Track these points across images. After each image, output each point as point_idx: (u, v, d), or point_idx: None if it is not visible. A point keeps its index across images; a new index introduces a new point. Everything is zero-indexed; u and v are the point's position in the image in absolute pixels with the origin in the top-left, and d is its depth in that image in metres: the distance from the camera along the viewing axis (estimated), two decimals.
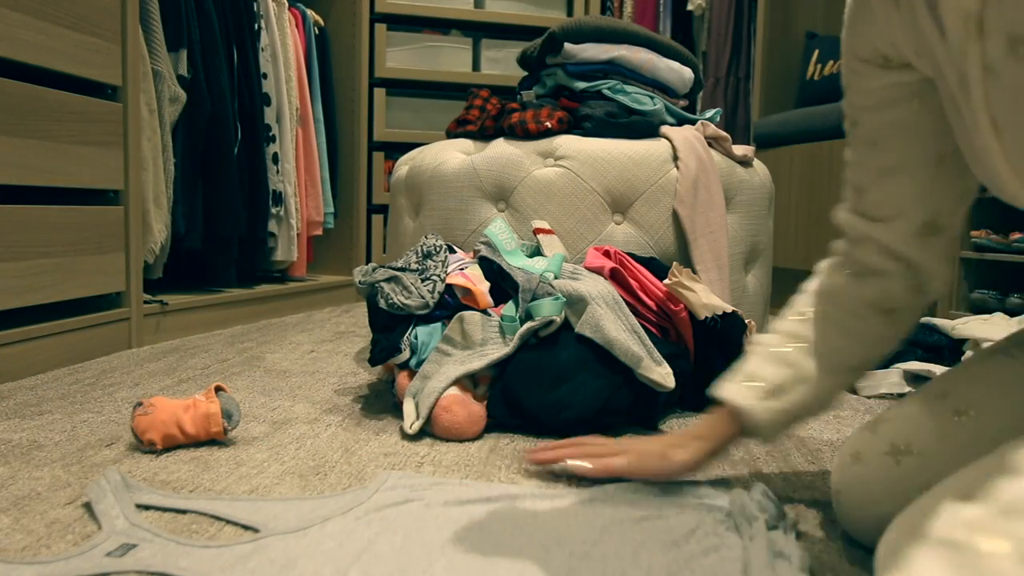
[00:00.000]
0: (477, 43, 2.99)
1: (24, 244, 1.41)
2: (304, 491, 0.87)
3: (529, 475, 0.93)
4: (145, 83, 1.84)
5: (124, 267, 1.70)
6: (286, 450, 1.02)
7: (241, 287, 2.26)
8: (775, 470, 0.98)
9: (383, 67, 2.88)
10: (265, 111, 2.30)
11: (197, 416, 1.00)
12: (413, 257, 1.32)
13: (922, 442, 0.71)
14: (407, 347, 1.20)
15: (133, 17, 1.70)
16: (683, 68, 1.68)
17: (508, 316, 1.21)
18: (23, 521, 0.77)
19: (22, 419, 1.14)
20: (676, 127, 1.60)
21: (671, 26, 3.29)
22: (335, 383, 1.43)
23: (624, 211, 1.51)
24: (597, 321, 1.15)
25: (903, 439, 0.72)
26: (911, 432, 0.72)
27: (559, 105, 1.64)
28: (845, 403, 1.37)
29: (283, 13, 2.44)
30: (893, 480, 0.71)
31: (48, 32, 1.44)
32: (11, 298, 1.38)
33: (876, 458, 0.73)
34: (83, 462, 0.95)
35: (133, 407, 1.02)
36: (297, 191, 2.48)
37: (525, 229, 1.49)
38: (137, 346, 1.75)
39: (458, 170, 1.58)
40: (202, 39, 2.05)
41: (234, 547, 0.70)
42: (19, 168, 1.38)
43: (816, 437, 1.14)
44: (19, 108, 1.38)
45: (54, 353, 1.49)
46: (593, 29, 1.63)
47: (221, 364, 1.58)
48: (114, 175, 1.66)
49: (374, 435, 1.10)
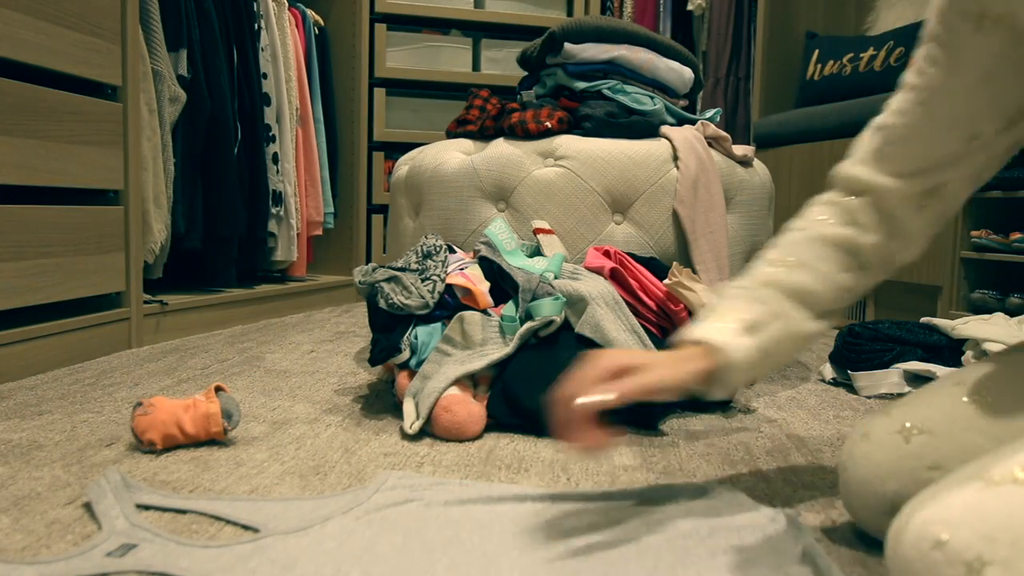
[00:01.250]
0: (477, 43, 2.99)
1: (24, 244, 1.41)
2: (304, 491, 0.87)
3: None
4: (145, 83, 1.84)
5: (124, 267, 1.70)
6: (286, 450, 1.02)
7: (241, 287, 2.26)
8: (775, 470, 0.98)
9: (383, 67, 2.88)
10: (265, 111, 2.30)
11: (197, 416, 1.00)
12: (413, 257, 1.32)
13: (934, 422, 0.71)
14: (407, 347, 1.20)
15: (133, 17, 1.70)
16: (683, 68, 1.68)
17: (508, 316, 1.21)
18: (23, 521, 0.77)
19: (22, 419, 1.14)
20: (676, 127, 1.60)
21: (671, 26, 3.29)
22: (335, 383, 1.43)
23: (624, 211, 1.51)
24: (597, 321, 1.15)
25: (916, 419, 0.72)
26: (924, 413, 0.72)
27: (559, 105, 1.64)
28: (845, 403, 1.37)
29: (283, 13, 2.44)
30: (900, 458, 0.71)
31: (48, 32, 1.44)
32: (11, 298, 1.38)
33: (886, 436, 0.73)
34: (83, 462, 0.95)
35: (133, 407, 1.02)
36: (297, 191, 2.48)
37: (525, 229, 1.49)
38: (137, 346, 1.75)
39: (458, 170, 1.58)
40: (202, 39, 2.05)
41: (234, 547, 0.70)
42: (19, 168, 1.38)
43: (816, 437, 1.14)
44: (19, 108, 1.38)
45: (54, 353, 1.49)
46: (593, 29, 1.63)
47: (221, 364, 1.58)
48: (114, 175, 1.66)
49: (374, 435, 1.10)
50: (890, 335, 1.48)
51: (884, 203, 0.77)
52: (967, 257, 2.04)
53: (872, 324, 1.51)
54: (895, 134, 0.76)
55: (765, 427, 1.19)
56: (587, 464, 0.98)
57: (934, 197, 0.76)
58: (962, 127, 0.72)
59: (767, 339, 0.75)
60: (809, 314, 0.77)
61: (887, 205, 0.76)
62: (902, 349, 1.45)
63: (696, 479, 0.93)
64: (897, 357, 1.44)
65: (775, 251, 0.81)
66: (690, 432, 1.15)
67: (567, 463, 0.98)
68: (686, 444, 1.09)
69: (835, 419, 1.25)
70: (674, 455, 1.03)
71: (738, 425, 1.20)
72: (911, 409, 0.74)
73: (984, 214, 2.06)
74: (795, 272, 0.78)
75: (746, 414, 1.27)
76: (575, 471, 0.95)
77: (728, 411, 1.28)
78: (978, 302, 2.00)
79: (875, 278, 0.80)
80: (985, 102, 0.71)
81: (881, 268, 0.79)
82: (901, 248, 0.78)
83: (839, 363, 1.52)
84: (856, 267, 0.78)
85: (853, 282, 0.79)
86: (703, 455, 1.04)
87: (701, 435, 1.14)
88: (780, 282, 0.78)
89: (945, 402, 0.72)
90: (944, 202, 0.76)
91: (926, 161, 0.74)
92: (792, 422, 1.22)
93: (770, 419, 1.24)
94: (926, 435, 0.70)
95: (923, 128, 0.74)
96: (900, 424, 0.73)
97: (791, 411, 1.30)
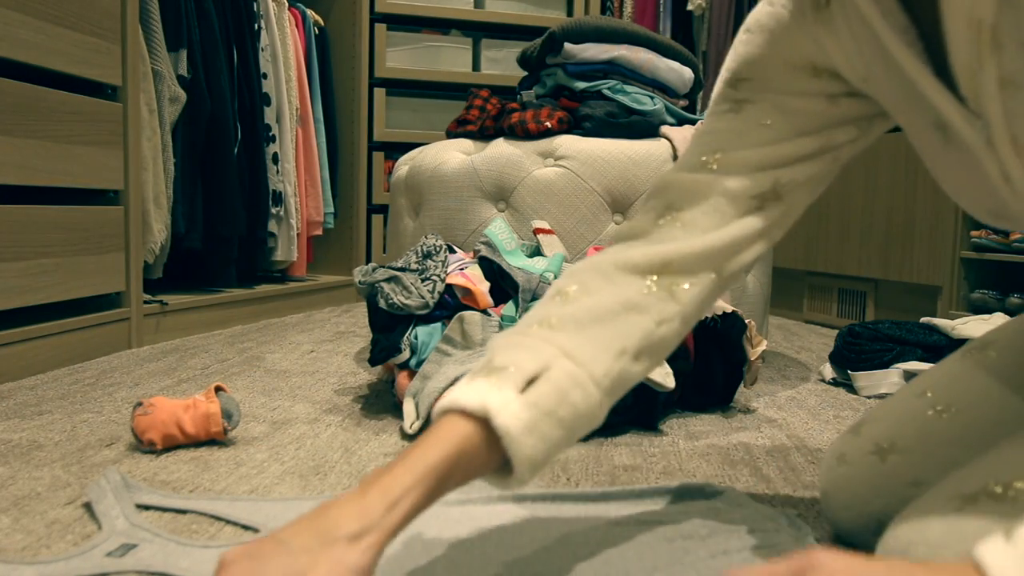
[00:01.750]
0: (477, 43, 2.99)
1: (25, 244, 1.41)
2: (304, 491, 0.87)
3: None
4: (145, 83, 1.84)
5: (124, 267, 1.70)
6: (286, 450, 1.02)
7: (241, 287, 2.26)
8: (775, 470, 0.98)
9: (383, 67, 2.88)
10: (265, 111, 2.30)
11: (197, 416, 1.00)
12: (413, 257, 1.32)
13: (905, 440, 0.71)
14: (407, 347, 1.20)
15: (133, 17, 1.70)
16: (683, 68, 1.68)
17: (508, 316, 1.21)
18: (23, 521, 0.77)
19: (22, 419, 1.14)
20: (676, 127, 1.60)
21: (671, 26, 3.29)
22: (335, 383, 1.43)
23: (624, 211, 1.51)
24: None
25: (886, 438, 0.72)
26: (894, 431, 0.72)
27: (559, 105, 1.64)
28: (845, 403, 1.37)
29: (283, 13, 2.44)
30: (879, 478, 0.71)
31: (48, 32, 1.44)
32: (11, 298, 1.38)
33: (861, 458, 0.73)
34: (83, 462, 0.95)
35: (133, 407, 1.02)
36: (297, 191, 2.48)
37: (525, 229, 1.49)
38: (137, 346, 1.74)
39: (458, 170, 1.58)
40: (202, 39, 2.05)
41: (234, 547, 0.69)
42: (19, 168, 1.38)
43: (816, 437, 1.14)
44: (19, 108, 1.38)
45: (54, 353, 1.49)
46: (593, 29, 1.63)
47: (221, 364, 1.58)
48: (114, 175, 1.66)
49: (374, 435, 1.10)
50: (890, 335, 1.48)
51: (733, 196, 0.66)
52: (967, 257, 2.04)
53: (872, 324, 1.51)
54: (730, 143, 0.67)
55: (765, 427, 1.19)
56: (587, 464, 0.98)
57: (772, 200, 0.67)
58: (806, 135, 0.67)
59: (548, 395, 0.58)
60: (606, 351, 0.62)
61: (735, 198, 0.66)
62: (902, 349, 1.45)
63: (696, 479, 0.93)
64: (897, 357, 1.44)
65: (556, 286, 0.66)
66: (690, 432, 1.15)
67: (567, 463, 0.98)
68: (686, 444, 1.09)
69: (835, 419, 1.25)
70: (674, 455, 1.03)
71: (738, 425, 1.20)
72: (881, 427, 0.73)
73: None
74: (586, 299, 0.64)
75: (746, 414, 1.27)
76: (575, 471, 0.95)
77: (728, 411, 1.28)
78: (978, 302, 2.00)
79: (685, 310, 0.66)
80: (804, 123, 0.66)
81: (691, 299, 0.66)
82: (740, 258, 0.67)
83: (839, 363, 1.52)
84: (663, 286, 0.65)
85: (661, 303, 0.65)
86: (703, 455, 1.04)
87: (701, 435, 1.14)
88: (565, 316, 0.63)
89: (915, 417, 0.71)
90: (783, 205, 0.68)
91: (762, 162, 0.66)
92: (792, 422, 1.22)
93: (770, 419, 1.24)
94: (901, 454, 0.70)
95: (756, 134, 0.67)
96: (872, 443, 0.72)
97: (791, 411, 1.30)
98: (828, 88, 0.66)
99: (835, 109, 0.66)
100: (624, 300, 0.63)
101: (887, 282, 2.31)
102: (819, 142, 0.67)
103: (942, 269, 2.09)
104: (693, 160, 0.68)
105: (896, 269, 2.24)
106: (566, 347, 0.60)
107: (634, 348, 0.63)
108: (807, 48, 0.65)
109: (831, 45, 0.63)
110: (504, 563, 0.67)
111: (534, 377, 0.58)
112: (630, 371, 0.63)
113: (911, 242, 2.18)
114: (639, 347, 0.63)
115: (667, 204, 0.67)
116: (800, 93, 0.66)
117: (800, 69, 0.66)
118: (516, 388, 0.57)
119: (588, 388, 0.59)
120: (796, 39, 0.65)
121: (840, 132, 0.67)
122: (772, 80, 0.67)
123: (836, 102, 0.66)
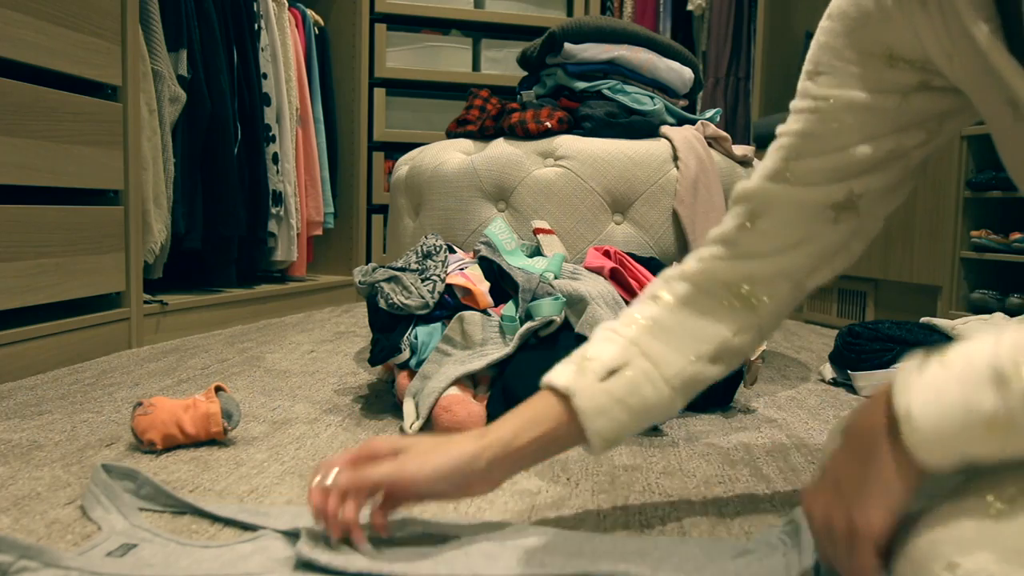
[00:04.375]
0: (477, 43, 2.99)
1: (24, 244, 1.41)
2: (304, 491, 0.87)
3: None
4: (145, 83, 1.84)
5: (124, 267, 1.70)
6: (286, 450, 1.02)
7: (241, 287, 2.26)
8: (775, 470, 0.98)
9: (383, 67, 2.88)
10: (265, 111, 2.30)
11: (197, 416, 1.00)
12: (413, 257, 1.32)
13: None
14: (407, 347, 1.20)
15: (133, 17, 1.70)
16: (683, 68, 1.68)
17: (508, 316, 1.21)
18: (23, 521, 0.77)
19: (22, 419, 1.14)
20: (676, 127, 1.60)
21: (671, 26, 3.29)
22: (335, 383, 1.43)
23: (624, 211, 1.51)
24: (597, 321, 1.15)
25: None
26: None
27: (559, 105, 1.64)
28: (845, 403, 1.37)
29: (283, 13, 2.44)
30: None
31: (48, 32, 1.44)
32: (11, 298, 1.38)
33: None
34: (83, 462, 0.95)
35: (133, 407, 1.02)
36: (297, 191, 2.48)
37: (525, 229, 1.49)
38: (137, 346, 1.75)
39: (458, 170, 1.58)
40: (202, 39, 2.05)
41: (234, 547, 0.69)
42: (19, 168, 1.38)
43: (816, 437, 1.14)
44: (19, 108, 1.38)
45: (54, 353, 1.49)
46: (593, 29, 1.63)
47: (221, 364, 1.58)
48: (114, 175, 1.66)
49: (374, 435, 1.10)
50: (890, 335, 1.48)
51: (804, 208, 0.72)
52: (967, 257, 2.04)
53: (872, 324, 1.51)
54: (804, 149, 0.71)
55: (765, 427, 1.19)
56: (587, 464, 0.98)
57: (848, 210, 0.71)
58: (877, 138, 0.70)
59: (627, 388, 0.70)
60: (685, 355, 0.73)
61: (807, 210, 0.72)
62: (902, 349, 1.45)
63: (696, 479, 0.93)
64: (897, 357, 1.44)
65: (652, 287, 0.77)
66: (690, 432, 1.15)
67: (566, 462, 0.98)
68: (686, 444, 1.09)
69: (835, 419, 1.25)
70: (674, 455, 1.03)
71: (738, 425, 1.20)
72: None
73: (984, 214, 2.06)
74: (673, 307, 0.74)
75: (746, 414, 1.27)
76: (575, 471, 0.95)
77: (728, 411, 1.28)
78: (978, 302, 2.00)
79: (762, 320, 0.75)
80: (894, 120, 0.69)
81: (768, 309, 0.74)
82: (814, 271, 0.74)
83: (839, 363, 1.52)
84: (742, 302, 0.74)
85: (742, 317, 0.74)
86: (703, 455, 1.04)
87: (701, 435, 1.14)
88: (654, 318, 0.73)
89: None
90: (860, 217, 0.72)
91: (836, 170, 0.70)
92: (792, 422, 1.22)
93: (770, 419, 1.24)
94: None
95: (830, 139, 0.70)
96: None
97: (791, 411, 1.30)
98: (902, 80, 0.68)
99: (906, 106, 0.69)
100: (706, 310, 0.73)
101: (887, 282, 2.31)
102: (888, 145, 0.70)
103: (942, 269, 2.09)
104: (773, 166, 0.73)
105: (896, 269, 2.24)
106: (646, 348, 0.71)
107: (709, 354, 0.73)
108: (886, 33, 0.67)
109: (920, 22, 0.64)
110: (505, 562, 0.67)
111: (614, 369, 0.70)
112: (704, 373, 0.73)
113: (911, 242, 2.18)
114: (715, 353, 0.73)
115: (749, 213, 0.73)
116: (873, 88, 0.69)
117: (877, 58, 0.68)
118: (597, 377, 0.69)
119: (659, 385, 0.71)
120: (875, 23, 0.67)
121: (909, 136, 0.70)
122: (847, 71, 0.69)
123: (908, 99, 0.69)
